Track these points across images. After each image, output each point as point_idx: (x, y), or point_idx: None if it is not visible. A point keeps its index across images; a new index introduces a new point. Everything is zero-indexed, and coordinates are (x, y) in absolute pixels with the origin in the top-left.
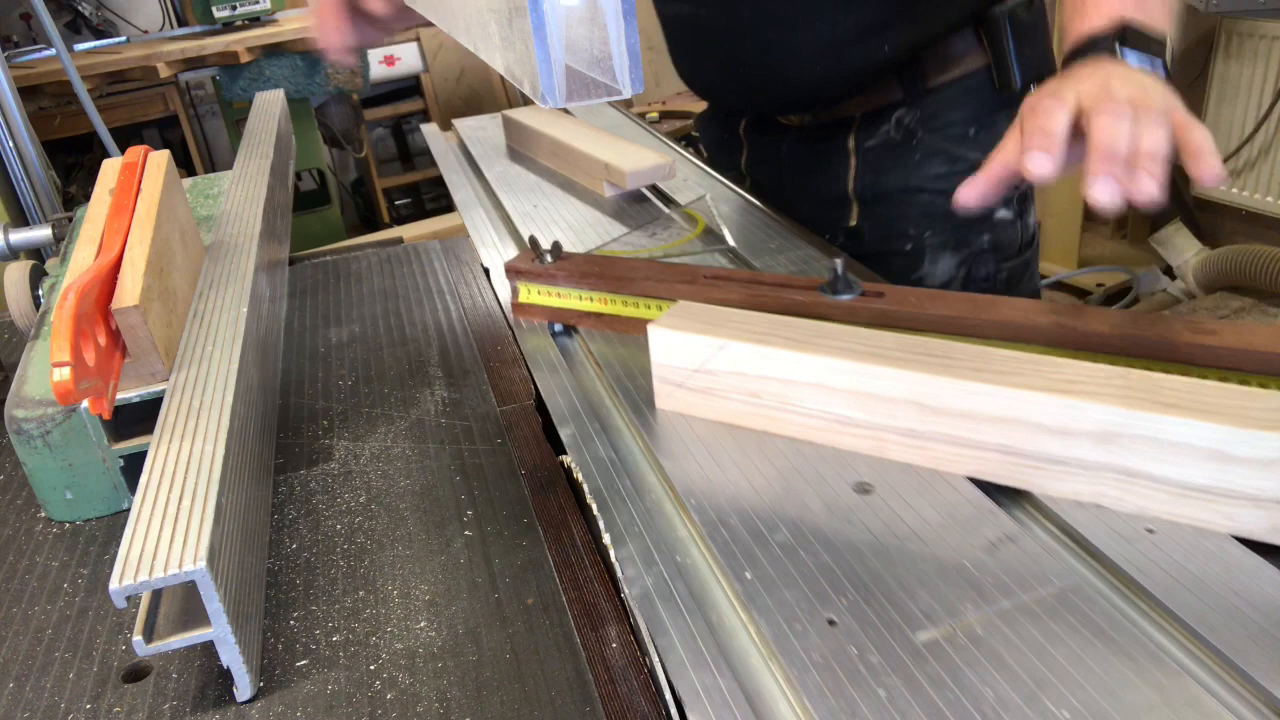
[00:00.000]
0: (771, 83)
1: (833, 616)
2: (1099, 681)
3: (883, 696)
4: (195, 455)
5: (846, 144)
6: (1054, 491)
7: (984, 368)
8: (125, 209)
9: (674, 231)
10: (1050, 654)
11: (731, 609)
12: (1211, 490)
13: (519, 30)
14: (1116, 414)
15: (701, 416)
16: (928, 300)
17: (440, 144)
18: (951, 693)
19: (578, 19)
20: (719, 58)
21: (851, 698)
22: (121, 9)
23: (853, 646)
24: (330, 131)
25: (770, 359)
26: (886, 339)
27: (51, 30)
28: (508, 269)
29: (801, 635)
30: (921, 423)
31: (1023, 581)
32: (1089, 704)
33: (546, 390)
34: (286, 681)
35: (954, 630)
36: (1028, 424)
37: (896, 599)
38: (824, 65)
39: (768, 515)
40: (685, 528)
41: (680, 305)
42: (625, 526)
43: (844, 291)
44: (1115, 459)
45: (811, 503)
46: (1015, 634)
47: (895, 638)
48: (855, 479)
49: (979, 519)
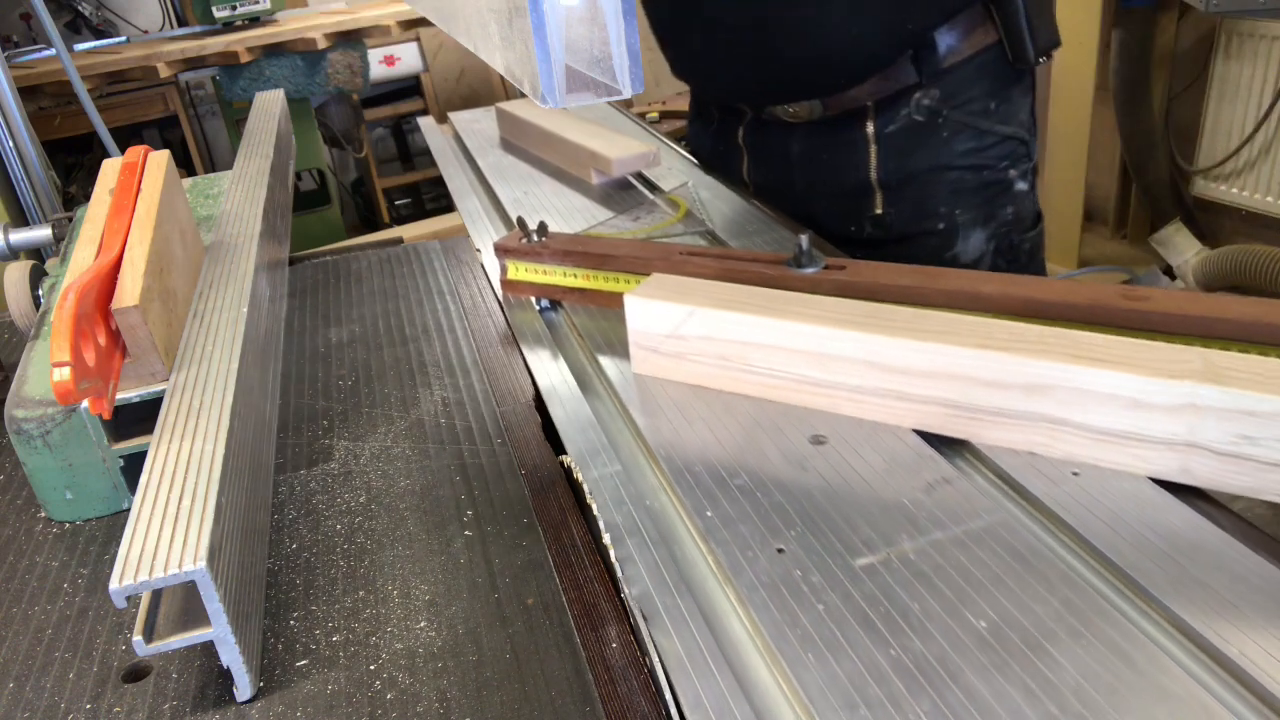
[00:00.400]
0: (782, 64)
1: (782, 546)
2: (1014, 597)
3: (821, 610)
4: (195, 455)
5: (864, 132)
6: (990, 440)
7: (924, 329)
8: (125, 209)
9: (657, 216)
10: (974, 575)
11: (693, 542)
12: (1129, 435)
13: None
14: (1043, 367)
15: (674, 379)
16: (885, 272)
17: (436, 136)
18: (883, 606)
19: (578, 19)
20: (721, 36)
21: (793, 611)
22: (121, 9)
23: (798, 570)
24: (330, 131)
25: (734, 323)
26: (842, 305)
27: (51, 30)
28: (497, 248)
29: (753, 562)
30: (869, 380)
31: (955, 517)
32: (1004, 615)
33: (534, 362)
34: (286, 681)
35: (889, 556)
36: (964, 378)
37: (840, 532)
38: (840, 43)
39: (729, 464)
40: (655, 476)
41: (654, 277)
42: (600, 479)
43: (808, 265)
44: (1043, 409)
45: (769, 452)
46: (944, 559)
47: (836, 563)
48: (811, 432)
49: (920, 464)
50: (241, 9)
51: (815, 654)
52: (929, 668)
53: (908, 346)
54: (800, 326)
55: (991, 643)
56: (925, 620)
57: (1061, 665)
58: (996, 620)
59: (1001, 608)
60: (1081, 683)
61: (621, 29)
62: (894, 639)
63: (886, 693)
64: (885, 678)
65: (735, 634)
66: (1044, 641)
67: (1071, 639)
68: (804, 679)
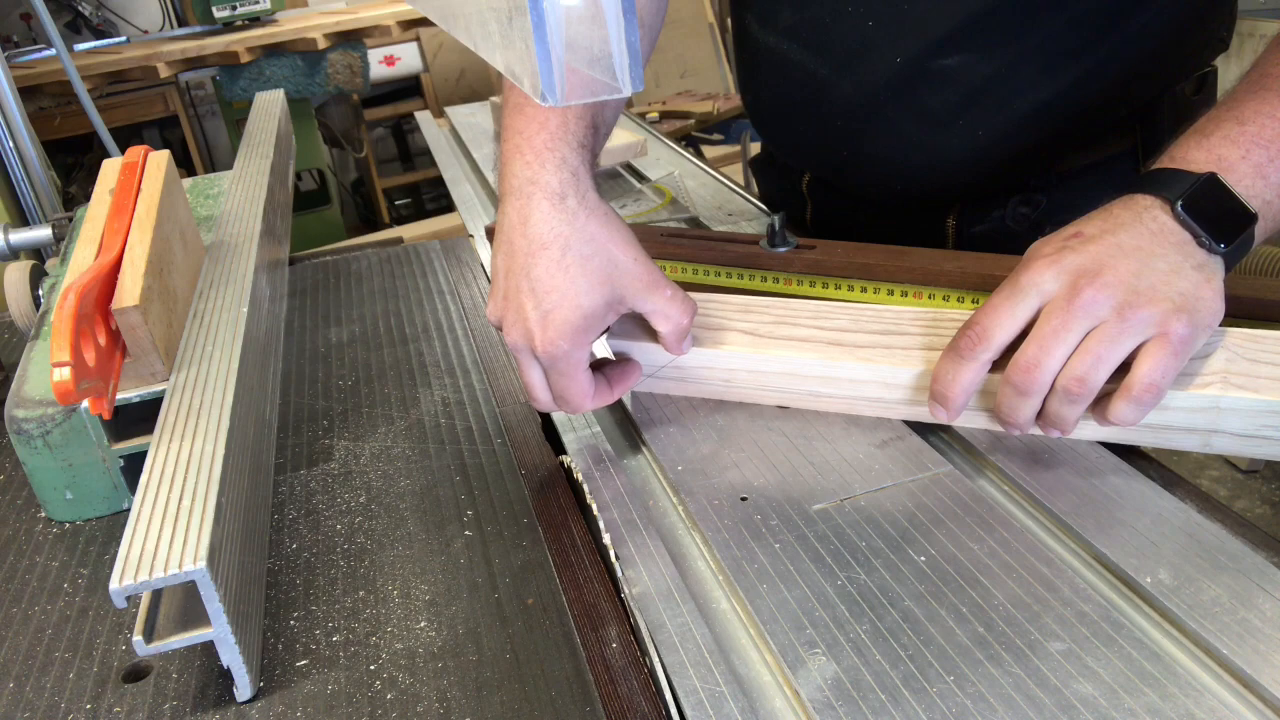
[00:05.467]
0: (862, 168)
1: (745, 495)
2: (954, 537)
3: (777, 548)
4: (195, 455)
5: (943, 226)
6: None
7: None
8: (125, 209)
9: (644, 203)
10: (917, 517)
11: (665, 494)
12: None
13: (519, 29)
14: None
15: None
16: (852, 251)
17: (434, 130)
18: (833, 544)
19: (578, 18)
20: (806, 121)
21: (751, 548)
22: (121, 9)
23: (758, 515)
24: (330, 131)
25: (725, 357)
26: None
27: (51, 30)
28: (488, 230)
29: (718, 510)
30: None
31: (905, 469)
32: (942, 551)
33: None
34: (286, 681)
35: (842, 503)
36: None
37: (800, 482)
38: (945, 167)
39: (701, 425)
40: (632, 437)
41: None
42: (580, 441)
43: (780, 245)
44: None
45: (738, 415)
46: (890, 504)
47: (794, 509)
48: None
49: (877, 424)
50: (241, 9)
51: (769, 585)
52: (871, 595)
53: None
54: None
55: (929, 574)
56: (870, 556)
57: (992, 594)
58: (935, 555)
59: (941, 545)
60: (1009, 608)
61: (622, 28)
62: (841, 571)
63: (831, 615)
64: (830, 603)
65: (699, 571)
66: (978, 574)
67: (1004, 572)
68: (758, 605)
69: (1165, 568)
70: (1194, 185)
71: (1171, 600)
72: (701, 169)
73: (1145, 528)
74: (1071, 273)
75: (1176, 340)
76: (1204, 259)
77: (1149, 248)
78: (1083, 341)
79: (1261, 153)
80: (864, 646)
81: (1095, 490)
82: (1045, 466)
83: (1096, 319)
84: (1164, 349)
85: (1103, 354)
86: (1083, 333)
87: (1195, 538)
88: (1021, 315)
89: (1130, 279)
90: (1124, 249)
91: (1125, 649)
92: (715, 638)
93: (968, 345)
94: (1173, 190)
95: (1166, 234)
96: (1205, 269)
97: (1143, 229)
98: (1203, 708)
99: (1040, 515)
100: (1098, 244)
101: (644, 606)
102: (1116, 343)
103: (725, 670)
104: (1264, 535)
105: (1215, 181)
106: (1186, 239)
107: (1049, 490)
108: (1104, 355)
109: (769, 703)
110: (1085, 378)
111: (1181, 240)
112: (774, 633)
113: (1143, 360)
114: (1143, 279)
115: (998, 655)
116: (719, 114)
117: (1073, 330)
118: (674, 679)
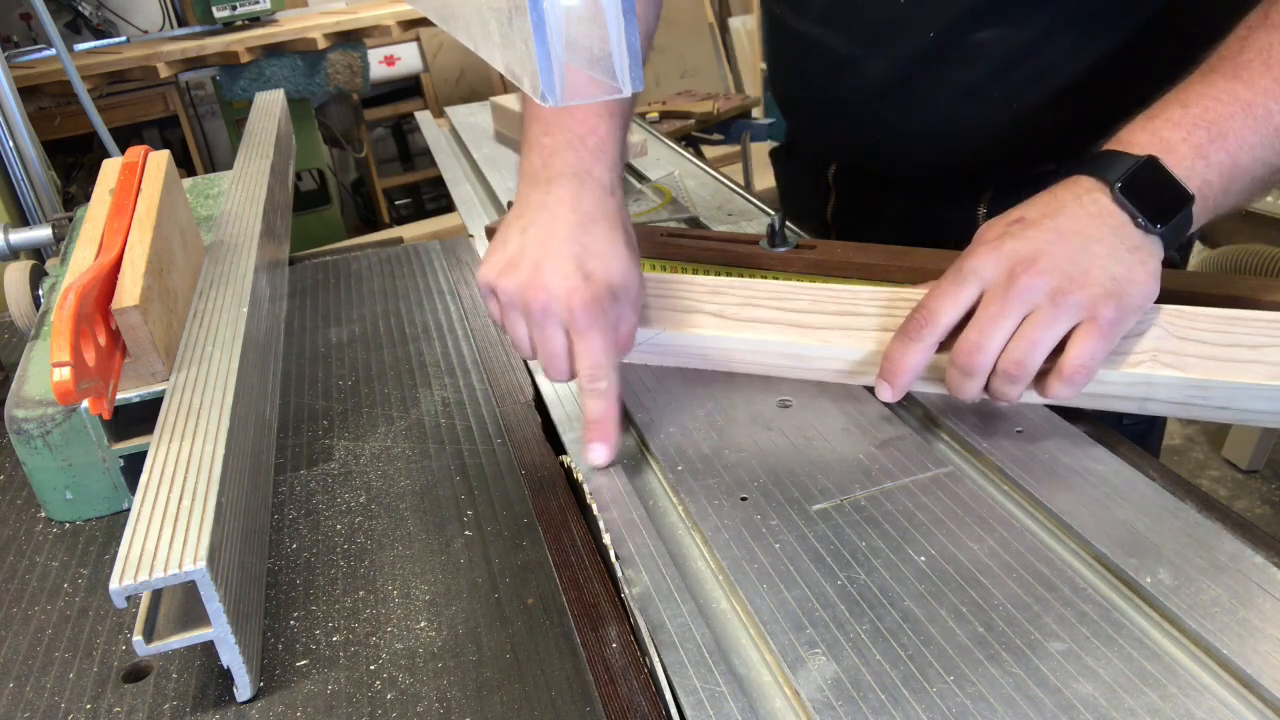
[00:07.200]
0: (895, 145)
1: (745, 495)
2: (954, 537)
3: (777, 549)
4: (195, 455)
5: (974, 212)
6: None
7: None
8: (125, 209)
9: (644, 203)
10: (917, 518)
11: (665, 494)
12: None
13: (519, 29)
14: None
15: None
16: (852, 251)
17: (434, 130)
18: (833, 544)
19: (578, 18)
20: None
21: (751, 548)
22: (121, 9)
23: (758, 515)
24: (330, 131)
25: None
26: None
27: (51, 30)
28: (487, 230)
29: (718, 509)
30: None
31: (905, 469)
32: (943, 552)
33: (534, 363)
34: (286, 681)
35: (842, 503)
36: None
37: (799, 482)
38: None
39: (701, 425)
40: (632, 437)
41: None
42: (581, 440)
43: (780, 245)
44: None
45: (739, 415)
46: (891, 505)
47: (794, 509)
48: (779, 397)
49: (877, 424)
50: (241, 9)
51: (769, 584)
52: (871, 595)
53: (813, 347)
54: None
55: (929, 574)
56: (870, 556)
57: (992, 594)
58: (935, 555)
59: (941, 545)
60: (1009, 608)
61: (622, 28)
62: (841, 571)
63: (831, 615)
64: (830, 603)
65: (699, 571)
66: (978, 574)
67: (1004, 572)
68: (758, 605)
69: (1165, 568)
70: (1132, 168)
71: (1171, 600)
72: (701, 169)
73: (1145, 528)
74: (1010, 259)
75: (1105, 324)
76: (1140, 240)
77: (1086, 231)
78: (1019, 327)
79: (1203, 133)
80: (864, 646)
81: (1096, 490)
82: (1045, 466)
83: (1032, 304)
84: (1093, 332)
85: (1037, 338)
86: (1019, 318)
87: (1195, 538)
88: (965, 300)
89: (1065, 265)
90: (1062, 233)
91: (1125, 649)
92: (715, 637)
93: (915, 327)
94: (1112, 172)
95: (1104, 216)
96: (1140, 250)
97: (1082, 211)
98: (1203, 708)
99: (1040, 515)
100: (1037, 229)
101: (644, 606)
102: (1050, 328)
103: (725, 670)
104: (1264, 535)
105: (1154, 164)
106: (1124, 220)
107: (1049, 490)
108: (1038, 340)
109: (769, 703)
110: (1023, 360)
111: (1119, 222)
112: (774, 633)
113: (1074, 343)
114: (1077, 264)
115: (998, 655)
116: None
117: (1009, 316)
118: (674, 679)
